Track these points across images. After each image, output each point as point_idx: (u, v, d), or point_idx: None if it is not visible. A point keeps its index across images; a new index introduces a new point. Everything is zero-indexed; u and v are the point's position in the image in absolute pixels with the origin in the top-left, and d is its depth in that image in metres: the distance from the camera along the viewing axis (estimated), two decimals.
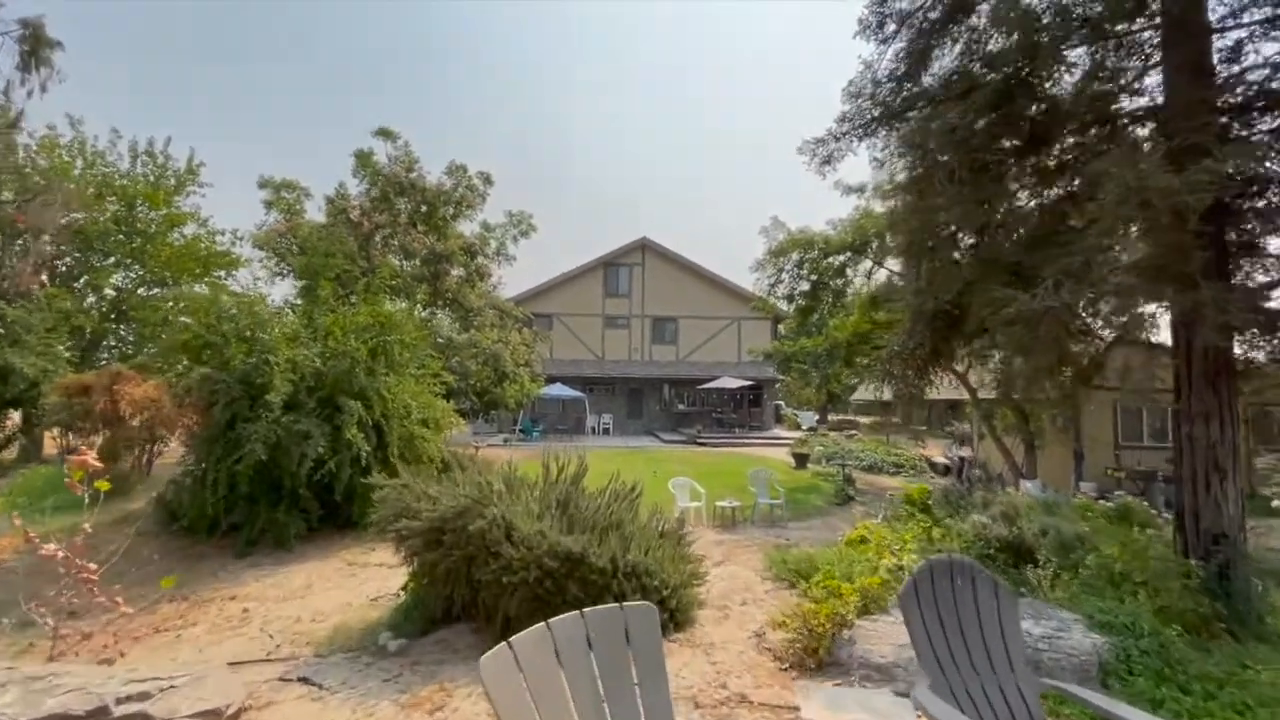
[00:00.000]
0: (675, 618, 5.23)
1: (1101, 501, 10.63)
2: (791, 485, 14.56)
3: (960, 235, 5.43)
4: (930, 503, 8.09)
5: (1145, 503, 9.71)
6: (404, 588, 5.91)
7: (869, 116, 5.93)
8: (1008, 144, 4.98)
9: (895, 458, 18.67)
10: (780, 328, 32.84)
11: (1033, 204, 4.92)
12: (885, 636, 3.96)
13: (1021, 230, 4.69)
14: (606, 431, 29.64)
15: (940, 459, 20.20)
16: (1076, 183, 4.72)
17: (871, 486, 15.78)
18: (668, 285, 31.81)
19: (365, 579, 7.48)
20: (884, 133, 6.08)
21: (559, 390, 26.31)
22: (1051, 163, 4.91)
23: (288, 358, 8.74)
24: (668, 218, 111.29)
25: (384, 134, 19.42)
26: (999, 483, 10.62)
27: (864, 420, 39.78)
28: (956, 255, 5.49)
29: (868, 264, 16.74)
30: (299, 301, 11.31)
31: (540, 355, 21.17)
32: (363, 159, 19.08)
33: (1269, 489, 12.84)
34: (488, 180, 21.70)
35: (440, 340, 15.55)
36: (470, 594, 4.97)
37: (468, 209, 18.65)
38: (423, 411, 10.58)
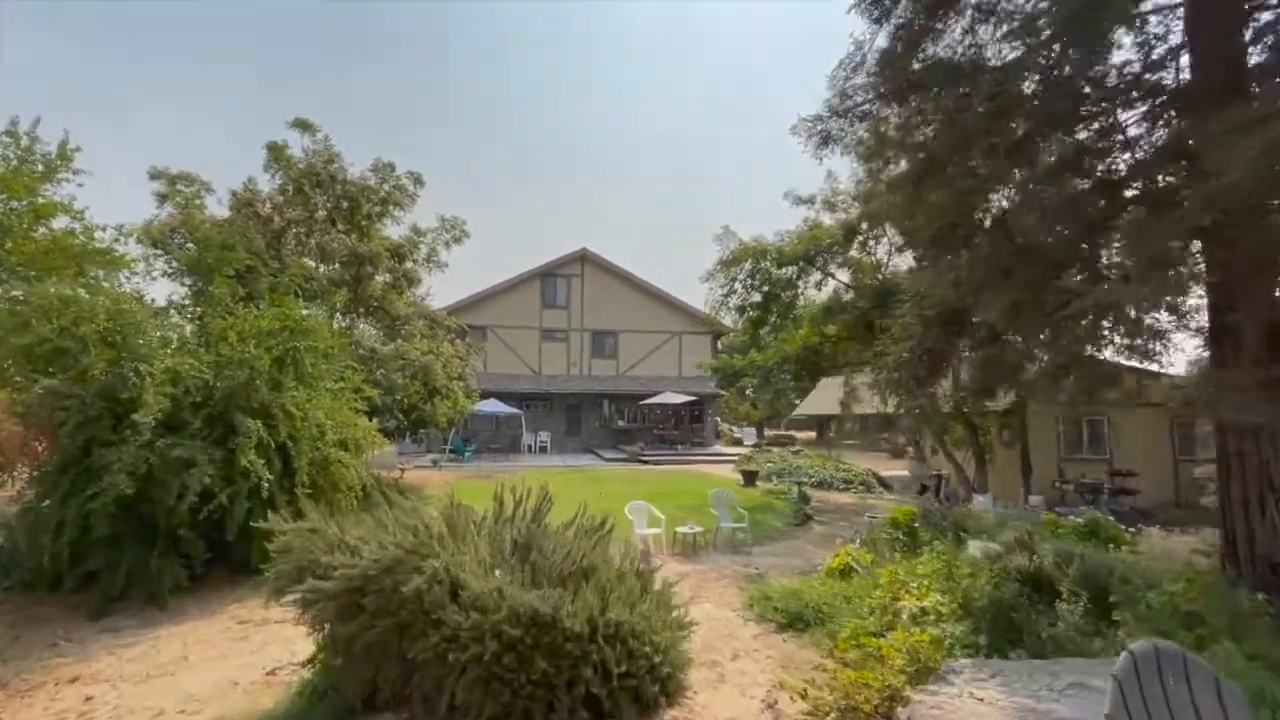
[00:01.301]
0: (666, 687, 4.20)
1: (1060, 515, 10.47)
2: (745, 504, 13.83)
3: (989, 217, 4.82)
4: (916, 525, 7.50)
5: (1111, 517, 9.51)
6: (312, 660, 4.57)
7: (877, 92, 5.30)
8: (1056, 109, 4.42)
9: (844, 473, 18.39)
10: (720, 343, 32.58)
11: (1084, 184, 4.38)
12: (955, 716, 3.13)
13: (1072, 214, 4.11)
14: (544, 450, 28.21)
15: (887, 473, 20.21)
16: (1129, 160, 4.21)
17: (825, 504, 15.31)
18: (608, 298, 30.92)
19: (262, 642, 5.99)
20: (892, 108, 5.47)
21: (493, 406, 24.75)
22: (1098, 140, 4.38)
23: (166, 367, 7.13)
24: (608, 231, 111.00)
25: (301, 126, 17.57)
26: (955, 499, 10.26)
27: (800, 435, 40.17)
28: (970, 244, 4.86)
29: (817, 276, 16.45)
30: (188, 303, 9.57)
31: (474, 369, 19.68)
32: (275, 151, 17.14)
33: (1207, 497, 13.25)
34: (418, 181, 20.13)
35: (363, 351, 13.91)
36: (403, 674, 3.75)
37: (395, 208, 17.06)
38: (340, 431, 9.09)
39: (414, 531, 4.02)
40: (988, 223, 4.91)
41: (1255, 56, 4.08)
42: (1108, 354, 5.78)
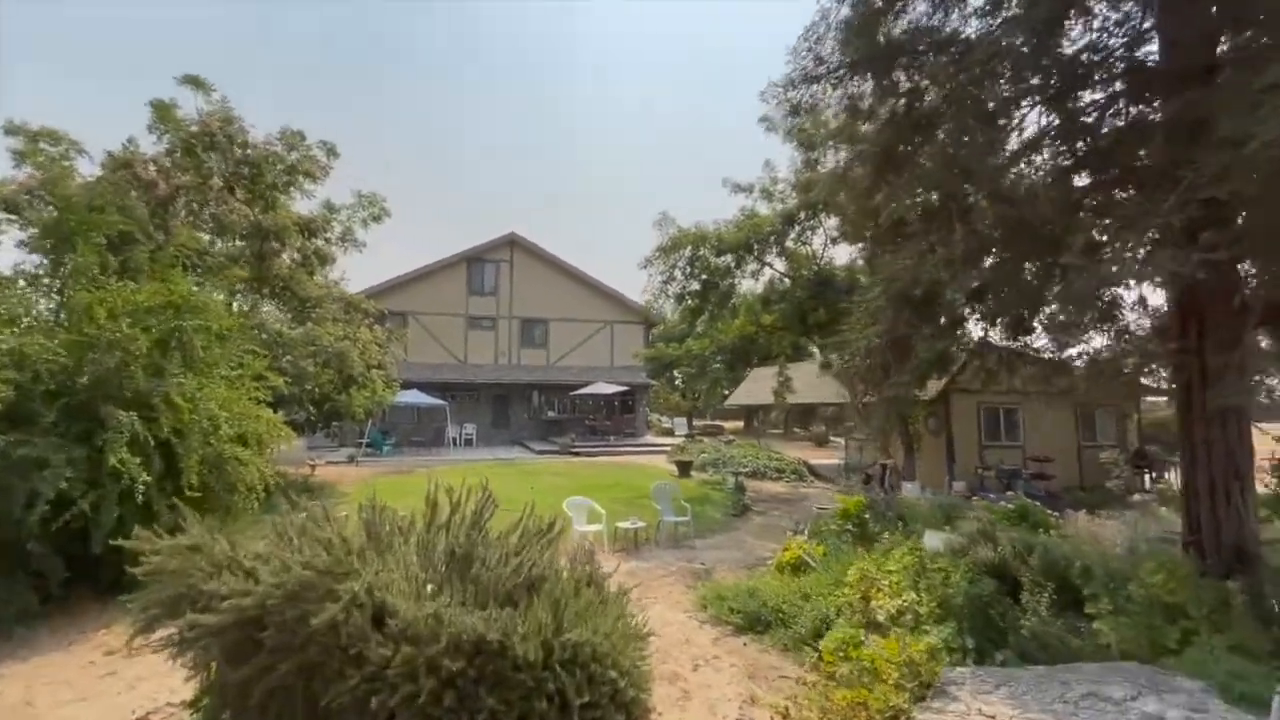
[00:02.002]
0: (630, 712, 3.70)
1: (991, 501, 10.82)
2: (682, 496, 13.57)
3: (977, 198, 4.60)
4: (866, 517, 7.39)
5: (1038, 503, 9.85)
6: (196, 703, 3.74)
7: (851, 59, 4.97)
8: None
9: (776, 463, 18.54)
10: (652, 333, 32.31)
11: (1066, 160, 4.23)
12: None
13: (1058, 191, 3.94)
14: (469, 443, 26.98)
15: (817, 462, 20.60)
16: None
17: (760, 493, 15.32)
18: (538, 285, 29.90)
19: (135, 677, 5.02)
20: (867, 78, 5.16)
21: (415, 397, 23.31)
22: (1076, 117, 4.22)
23: (9, 349, 5.88)
24: (539, 219, 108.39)
25: (193, 83, 15.58)
26: (897, 488, 10.36)
27: (728, 425, 40.73)
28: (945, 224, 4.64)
29: (753, 265, 16.37)
30: (42, 274, 8.07)
31: (394, 357, 18.34)
32: (161, 110, 15.07)
33: (1111, 481, 14.22)
34: (332, 152, 18.44)
35: (266, 335, 12.50)
36: None
37: (304, 179, 15.48)
38: (238, 424, 7.98)
39: (327, 545, 3.29)
40: (971, 198, 4.73)
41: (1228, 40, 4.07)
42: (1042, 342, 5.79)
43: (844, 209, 6.50)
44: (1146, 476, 15.78)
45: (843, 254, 16.61)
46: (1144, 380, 6.44)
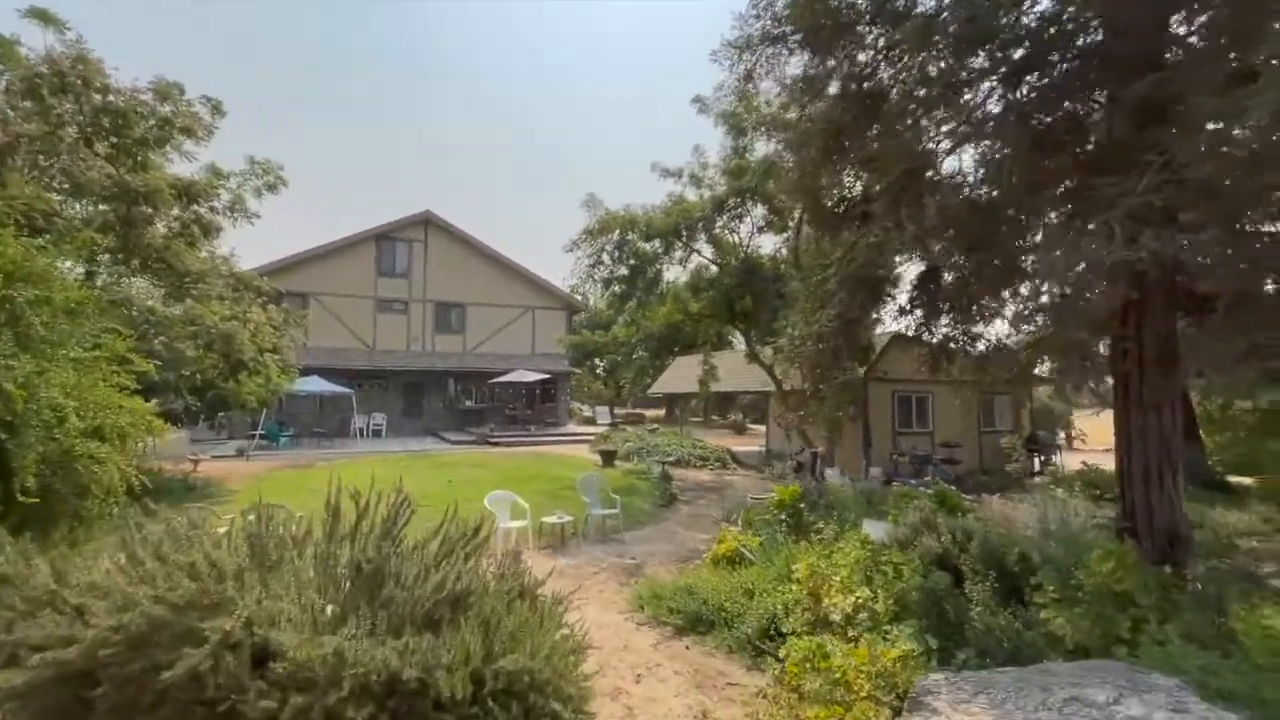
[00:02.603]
0: None
1: (911, 486, 11.18)
2: (609, 486, 13.20)
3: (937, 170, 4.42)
4: (801, 506, 7.28)
5: (952, 486, 10.22)
6: None
7: (811, 23, 4.65)
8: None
9: (700, 451, 18.55)
10: (576, 319, 31.61)
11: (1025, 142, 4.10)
12: None
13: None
14: (378, 434, 25.34)
15: (740, 449, 20.84)
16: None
17: (686, 482, 15.21)
18: (454, 267, 28.40)
19: None
20: (820, 49, 4.87)
21: (317, 385, 21.51)
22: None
23: None
24: (457, 200, 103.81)
25: (41, 18, 13.31)
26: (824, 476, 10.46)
27: (649, 414, 40.82)
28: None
29: (681, 252, 16.13)
30: None
31: (292, 341, 16.72)
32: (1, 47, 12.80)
33: (1011, 465, 15.17)
34: (217, 109, 16.43)
35: (135, 313, 10.88)
36: None
37: (182, 136, 13.64)
38: (93, 416, 6.77)
39: (190, 570, 2.59)
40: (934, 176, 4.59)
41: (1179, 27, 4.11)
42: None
43: (788, 189, 6.23)
44: (1037, 460, 17.06)
45: (769, 244, 16.73)
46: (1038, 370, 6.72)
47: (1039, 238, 3.53)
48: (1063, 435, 19.38)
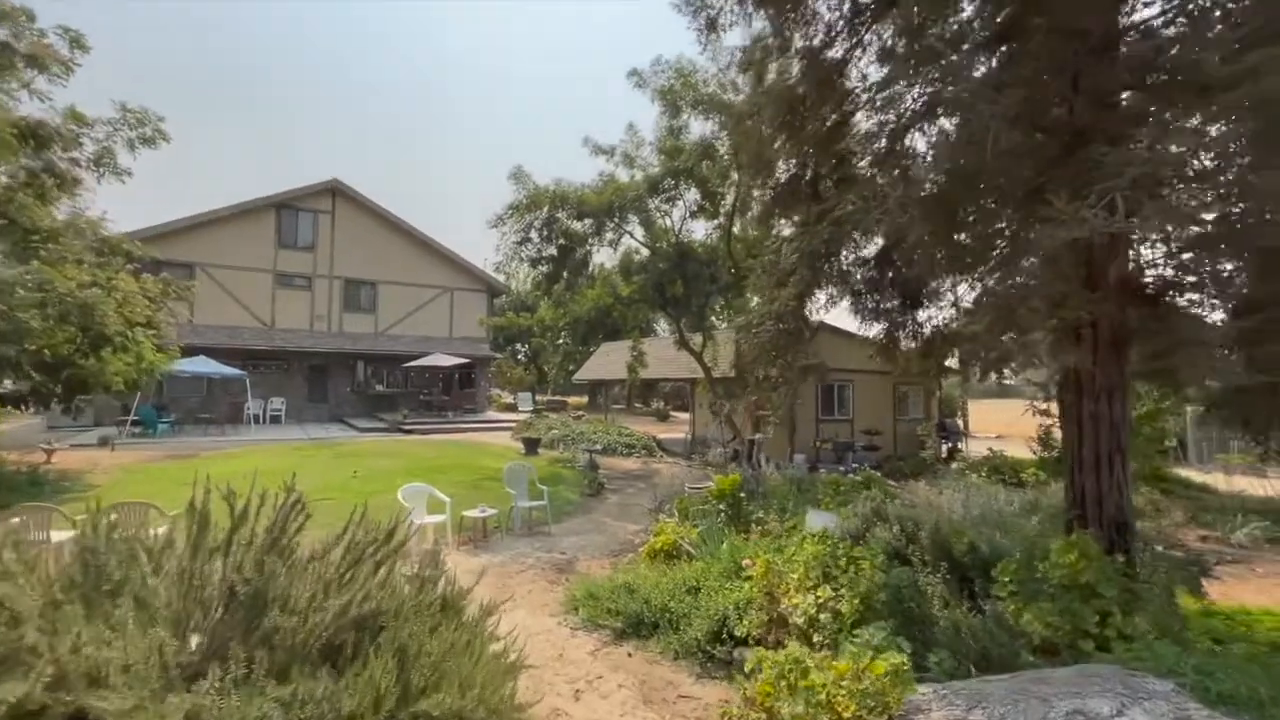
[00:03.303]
0: None
1: (835, 472, 11.31)
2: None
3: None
4: (741, 496, 7.02)
5: (876, 472, 10.39)
6: None
7: None
8: None
9: (626, 438, 18.21)
10: (498, 302, 30.35)
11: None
12: None
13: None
14: (276, 420, 23.24)
15: (665, 437, 20.68)
16: None
17: (613, 470, 14.81)
18: (365, 242, 26.39)
19: None
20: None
21: (204, 365, 19.35)
22: None
23: None
24: (371, 173, 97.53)
25: None
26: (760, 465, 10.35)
27: (571, 400, 40.14)
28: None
29: (611, 235, 15.59)
30: None
31: (172, 315, 14.80)
32: None
33: (925, 451, 15.83)
34: (78, 43, 14.20)
35: None
36: None
37: (30, 67, 11.60)
38: None
39: None
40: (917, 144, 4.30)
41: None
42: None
43: (743, 162, 5.86)
44: (944, 446, 17.98)
45: (701, 230, 16.51)
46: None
47: (1010, 214, 3.35)
48: (962, 423, 20.53)
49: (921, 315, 5.27)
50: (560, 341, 18.22)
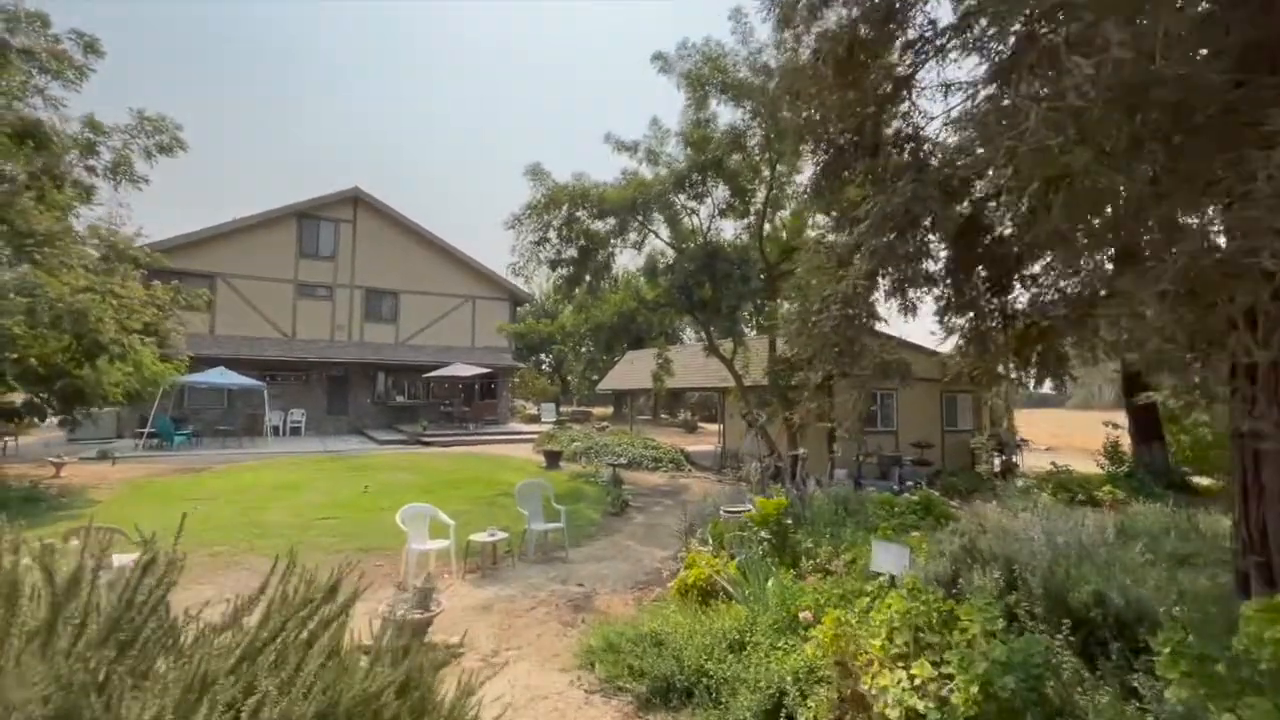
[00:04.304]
0: None
1: (888, 491, 10.14)
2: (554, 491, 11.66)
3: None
4: (787, 523, 6.00)
5: (935, 492, 9.26)
6: None
7: None
8: None
9: (653, 451, 17.21)
10: (520, 311, 29.72)
11: None
12: None
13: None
14: (296, 432, 22.84)
15: (693, 449, 19.61)
16: None
17: (639, 485, 13.83)
18: (387, 251, 26.03)
19: None
20: None
21: (221, 377, 19.00)
22: None
23: None
24: (392, 181, 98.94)
25: None
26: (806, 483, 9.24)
27: (596, 411, 39.30)
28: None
29: (635, 235, 14.71)
30: None
31: (181, 324, 14.33)
32: None
33: (982, 465, 14.50)
34: (92, 47, 13.99)
35: None
36: None
37: (40, 71, 11.27)
38: None
39: None
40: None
41: None
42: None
43: (793, 127, 4.88)
44: (997, 460, 16.58)
45: (730, 230, 15.54)
46: None
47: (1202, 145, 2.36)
48: (1019, 435, 19.04)
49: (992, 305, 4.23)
50: (583, 349, 17.33)
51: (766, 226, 14.53)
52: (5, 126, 9.54)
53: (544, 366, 44.45)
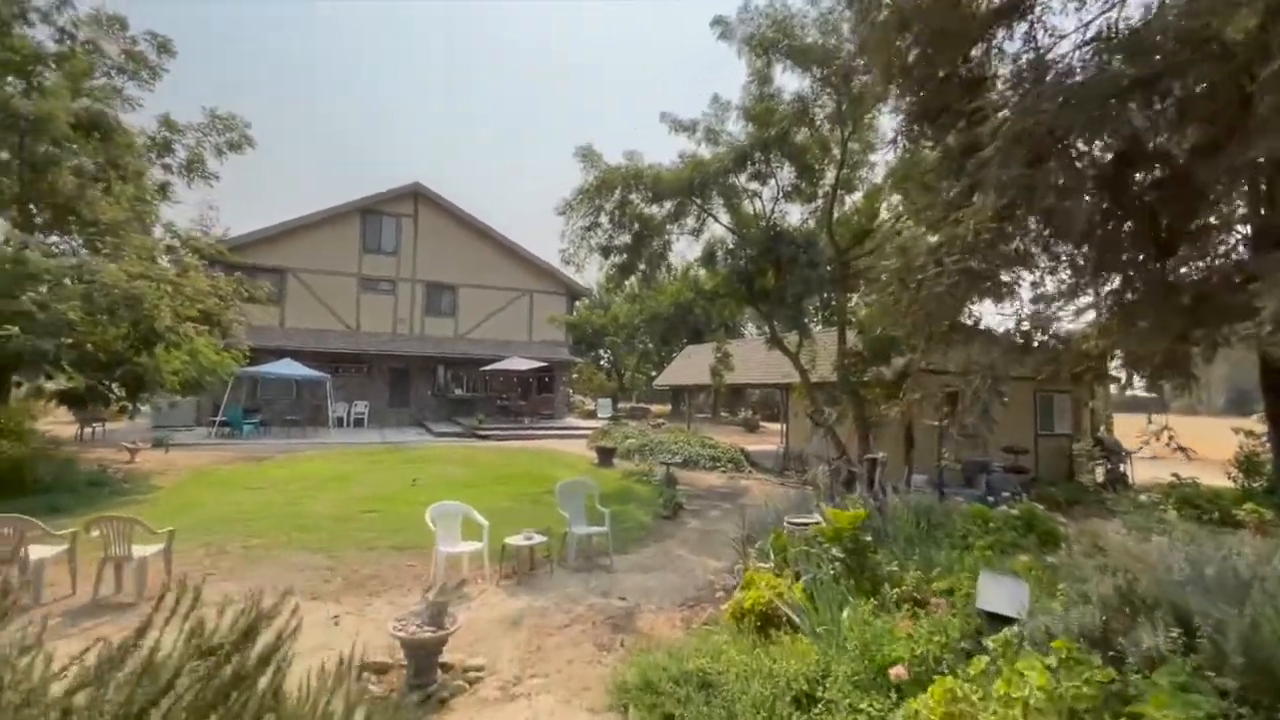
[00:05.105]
0: None
1: (983, 502, 8.89)
2: (601, 490, 10.95)
3: None
4: (866, 540, 5.04)
5: (1038, 506, 7.98)
6: None
7: None
8: None
9: (710, 450, 16.30)
10: (579, 304, 29.36)
11: None
12: None
13: None
14: (359, 423, 23.23)
15: (754, 449, 18.56)
16: None
17: (694, 486, 12.99)
18: (446, 245, 26.19)
19: None
20: None
21: (287, 368, 19.45)
22: None
23: None
24: (450, 174, 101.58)
25: None
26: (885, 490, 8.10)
27: (654, 409, 38.55)
28: None
29: (692, 221, 13.82)
30: None
31: (242, 315, 14.51)
32: None
33: (1084, 475, 12.85)
34: (164, 48, 14.43)
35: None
36: None
37: (117, 70, 11.57)
38: None
39: None
40: None
41: None
42: None
43: (864, 62, 3.96)
44: (1100, 469, 14.72)
45: (795, 215, 14.40)
46: None
47: None
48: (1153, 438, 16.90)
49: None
50: (636, 342, 16.63)
51: (836, 211, 13.35)
52: (70, 117, 9.69)
53: (602, 363, 44.15)
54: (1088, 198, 3.09)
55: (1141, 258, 3.37)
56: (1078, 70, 3.02)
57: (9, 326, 7.05)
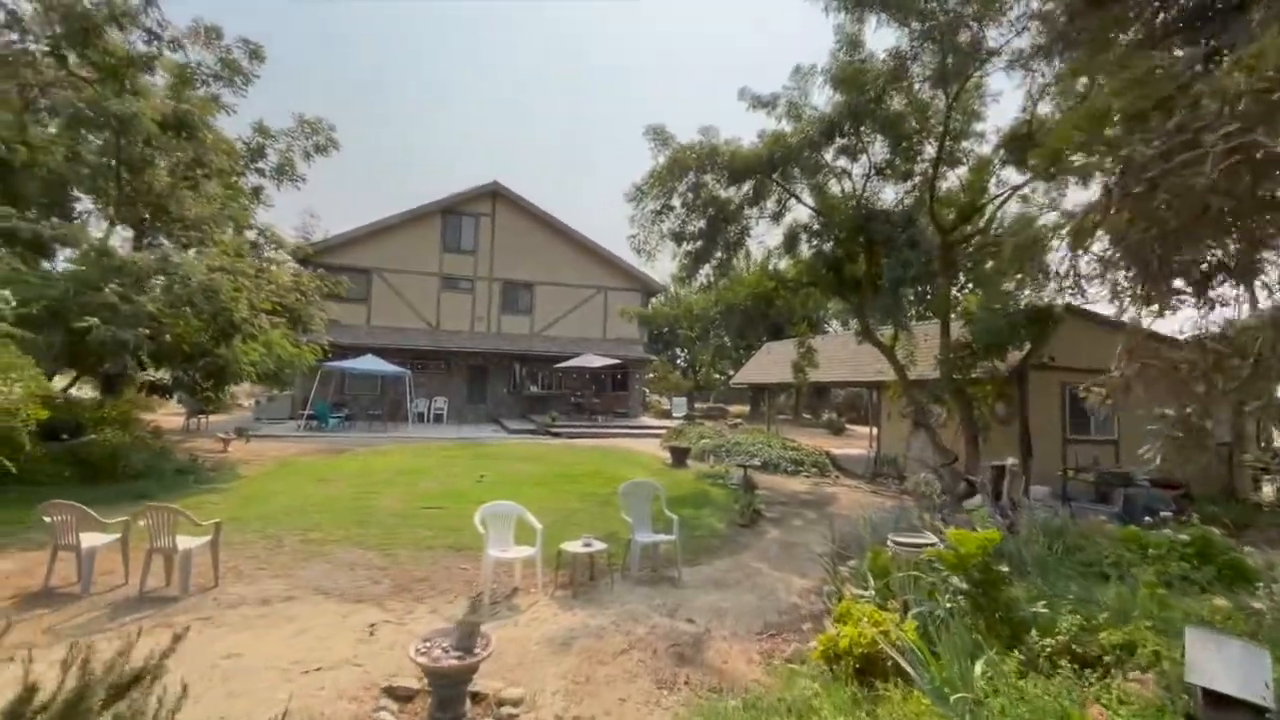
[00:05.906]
0: None
1: (1103, 519, 7.36)
2: (674, 493, 10.18)
3: None
4: (1000, 571, 3.95)
5: (1214, 530, 6.46)
6: None
7: None
8: None
9: (792, 453, 15.11)
10: (654, 301, 28.71)
11: None
12: None
13: None
14: (439, 419, 23.62)
15: (839, 452, 17.16)
16: None
17: (775, 491, 11.92)
18: (523, 243, 26.27)
19: None
20: None
21: (370, 364, 19.97)
22: None
23: None
24: (527, 171, 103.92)
25: None
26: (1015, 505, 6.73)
27: (733, 409, 37.25)
28: None
29: (773, 204, 12.72)
30: None
31: (322, 310, 14.78)
32: None
33: (1250, 492, 10.74)
34: (256, 54, 14.99)
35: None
36: None
37: (215, 77, 12.02)
38: None
39: None
40: None
41: None
42: None
43: None
44: (1267, 485, 12.36)
45: (889, 191, 12.96)
46: None
47: None
48: None
49: None
50: (712, 336, 15.68)
51: (938, 188, 11.88)
52: (155, 115, 10.02)
53: (678, 361, 43.29)
54: None
55: None
56: None
57: (90, 318, 7.18)
